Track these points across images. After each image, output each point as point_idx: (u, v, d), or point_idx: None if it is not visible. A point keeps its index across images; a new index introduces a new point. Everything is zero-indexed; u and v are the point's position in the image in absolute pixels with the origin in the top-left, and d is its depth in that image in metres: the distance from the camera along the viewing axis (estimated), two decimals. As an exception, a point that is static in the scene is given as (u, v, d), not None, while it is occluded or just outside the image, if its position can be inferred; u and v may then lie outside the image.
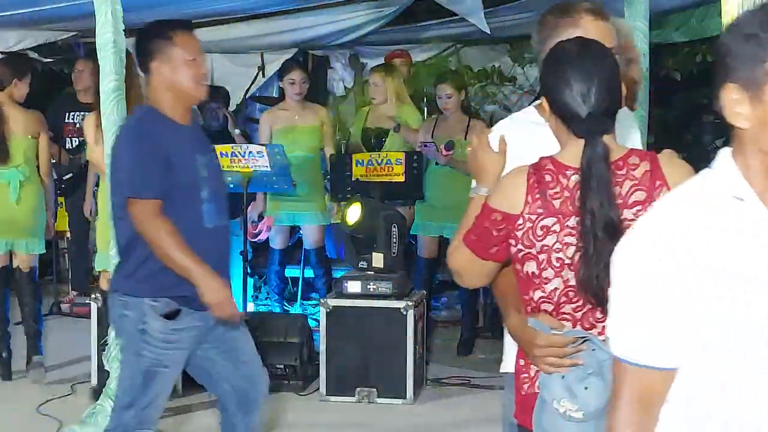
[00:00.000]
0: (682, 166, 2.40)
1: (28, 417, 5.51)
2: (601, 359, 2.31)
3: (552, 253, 2.33)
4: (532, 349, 2.38)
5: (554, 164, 2.37)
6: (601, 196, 2.27)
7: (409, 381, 5.71)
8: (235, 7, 7.12)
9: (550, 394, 2.35)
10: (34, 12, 6.63)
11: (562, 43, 2.46)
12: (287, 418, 5.60)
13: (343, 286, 5.90)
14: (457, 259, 2.50)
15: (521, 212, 2.35)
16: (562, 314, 2.37)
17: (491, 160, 2.54)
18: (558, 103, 2.37)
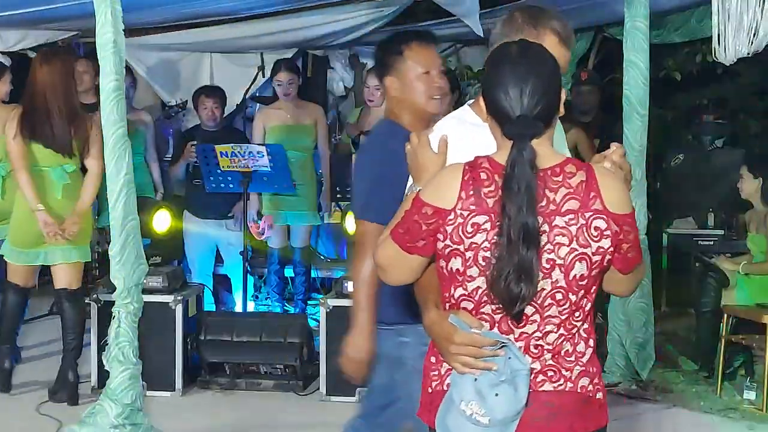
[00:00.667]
0: (616, 180, 2.40)
1: (28, 417, 5.51)
2: (515, 368, 2.30)
3: (479, 251, 2.31)
4: (449, 346, 2.35)
5: (490, 163, 2.35)
6: (520, 200, 2.26)
7: (409, 381, 5.70)
8: (234, 7, 7.12)
9: (459, 394, 2.33)
10: (35, 12, 6.63)
11: (505, 44, 2.46)
12: (287, 418, 5.60)
13: (344, 286, 5.90)
14: (382, 254, 2.46)
15: (453, 207, 2.33)
16: (481, 314, 2.36)
17: (431, 159, 2.51)
18: (493, 103, 2.37)
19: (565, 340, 2.37)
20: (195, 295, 6.14)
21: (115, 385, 4.59)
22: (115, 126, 4.55)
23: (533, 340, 2.35)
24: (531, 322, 2.34)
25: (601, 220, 2.32)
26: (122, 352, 4.60)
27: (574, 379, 2.38)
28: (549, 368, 2.36)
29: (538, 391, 2.35)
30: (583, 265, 2.32)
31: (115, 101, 4.54)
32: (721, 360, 5.84)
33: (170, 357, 5.85)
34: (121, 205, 4.57)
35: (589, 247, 2.31)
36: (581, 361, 2.39)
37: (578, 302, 2.36)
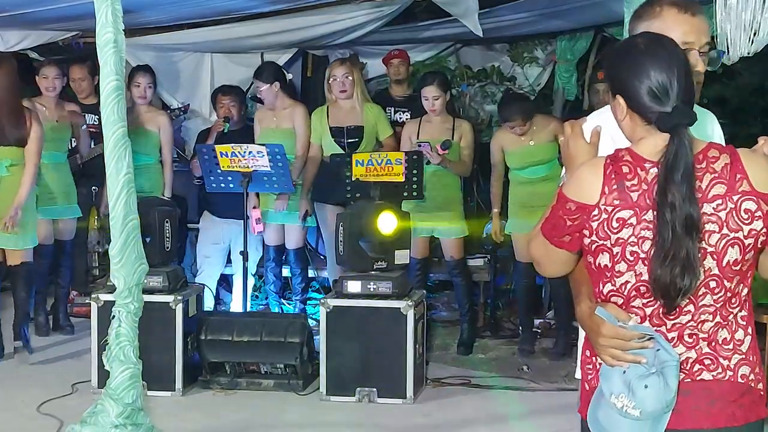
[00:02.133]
0: (762, 159, 2.37)
1: (28, 416, 5.51)
2: (663, 360, 2.28)
3: (627, 246, 2.29)
4: (597, 338, 2.34)
5: (632, 156, 2.32)
6: (683, 190, 2.22)
7: (409, 381, 5.72)
8: (234, 6, 7.12)
9: (609, 387, 2.32)
10: (35, 12, 6.63)
11: (632, 39, 2.43)
12: (287, 417, 5.60)
13: (343, 285, 5.91)
14: (534, 248, 2.48)
15: (597, 203, 2.30)
16: (631, 308, 2.34)
17: (582, 150, 2.47)
18: (639, 98, 2.32)
19: (721, 328, 2.33)
20: (195, 295, 6.15)
21: (115, 384, 4.59)
22: (115, 126, 4.54)
23: (687, 329, 2.32)
24: (685, 312, 2.31)
25: (750, 201, 2.28)
26: (123, 351, 4.60)
27: (733, 367, 2.34)
28: (706, 356, 2.33)
29: (696, 380, 2.32)
30: (735, 250, 2.29)
31: (115, 101, 4.53)
32: None
33: (171, 357, 5.86)
34: (121, 205, 4.56)
35: (741, 230, 2.28)
36: (740, 349, 2.35)
37: (734, 289, 2.33)
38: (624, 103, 2.37)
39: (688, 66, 2.35)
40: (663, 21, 2.56)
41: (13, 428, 5.43)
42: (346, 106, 7.09)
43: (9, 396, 5.90)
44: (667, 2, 2.60)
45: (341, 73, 7.06)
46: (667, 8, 2.59)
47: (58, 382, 6.05)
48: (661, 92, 2.30)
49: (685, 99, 2.31)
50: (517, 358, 6.74)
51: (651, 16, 2.59)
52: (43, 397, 5.75)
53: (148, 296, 5.04)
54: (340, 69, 7.11)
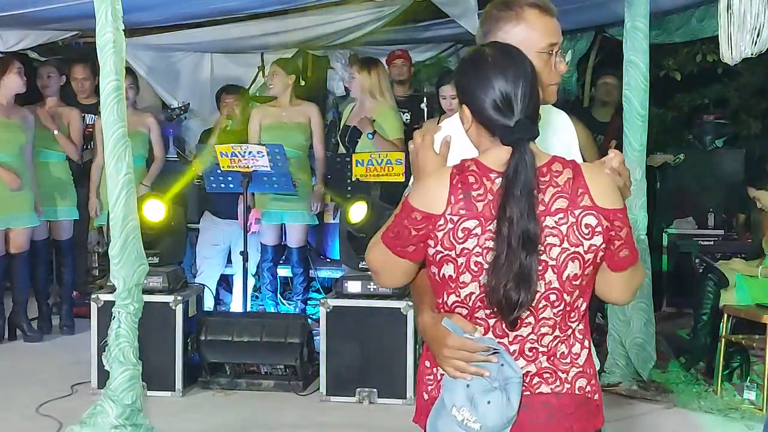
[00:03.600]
0: (604, 175, 2.37)
1: (28, 417, 5.50)
2: (507, 376, 2.28)
3: (471, 256, 2.27)
4: (441, 349, 2.31)
5: (478, 166, 2.30)
6: (522, 205, 2.22)
7: (409, 381, 5.71)
8: (234, 7, 7.12)
9: (451, 399, 2.30)
10: (35, 12, 6.63)
11: (481, 49, 2.39)
12: (287, 418, 5.60)
13: (343, 286, 5.90)
14: (375, 257, 2.42)
15: (443, 212, 2.28)
16: (475, 319, 2.32)
17: (431, 160, 2.44)
18: (483, 110, 2.31)
19: (560, 342, 2.34)
20: (195, 296, 6.14)
21: (115, 385, 4.59)
22: (115, 126, 4.55)
23: (528, 342, 2.32)
24: (526, 324, 2.31)
25: (591, 216, 2.28)
26: (122, 352, 4.60)
27: (570, 380, 2.35)
28: (545, 370, 2.33)
29: (534, 394, 2.32)
30: (576, 265, 2.29)
31: (115, 101, 4.54)
32: (721, 360, 5.84)
33: (170, 357, 5.85)
34: (121, 205, 4.56)
35: (581, 245, 2.28)
36: (577, 363, 2.36)
37: (573, 303, 2.33)
38: (469, 113, 2.36)
39: (534, 79, 2.33)
40: (527, 23, 2.51)
41: (13, 429, 5.42)
42: (361, 105, 7.07)
43: (8, 397, 5.89)
44: (526, 4, 2.54)
45: (348, 73, 7.07)
46: (529, 10, 2.53)
47: (58, 383, 6.04)
48: (504, 106, 2.29)
49: (528, 113, 2.30)
50: None
51: (512, 19, 2.53)
52: (43, 397, 5.74)
53: (148, 297, 5.04)
54: (351, 68, 7.10)
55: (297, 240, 7.20)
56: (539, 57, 2.48)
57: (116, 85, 4.52)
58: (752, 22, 4.30)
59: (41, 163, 7.21)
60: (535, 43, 2.49)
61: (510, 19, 2.52)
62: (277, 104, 7.18)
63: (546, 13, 2.54)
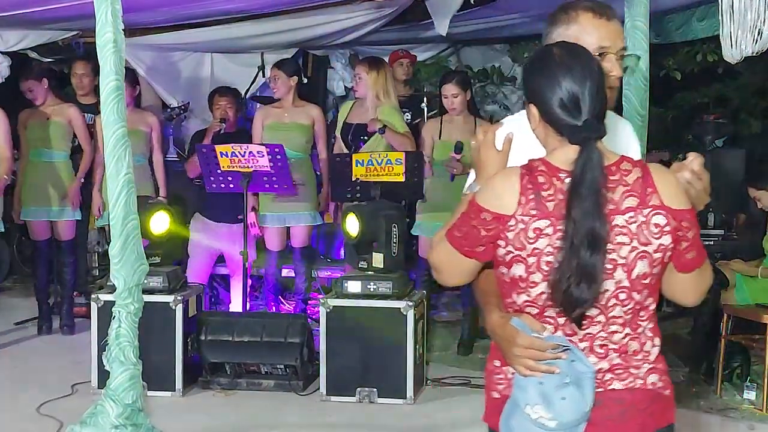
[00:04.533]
0: (671, 176, 2.38)
1: (28, 417, 5.51)
2: (579, 371, 2.28)
3: (542, 256, 2.28)
4: (511, 348, 2.33)
5: (547, 166, 2.32)
6: (587, 204, 2.23)
7: (409, 381, 5.71)
8: (234, 8, 7.12)
9: (525, 398, 2.31)
10: (35, 12, 6.62)
11: (548, 48, 2.41)
12: (287, 418, 5.60)
13: (344, 286, 5.90)
14: (438, 255, 2.44)
15: (513, 213, 2.29)
16: (545, 318, 2.34)
17: (493, 158, 2.46)
18: (550, 109, 2.32)
19: (631, 339, 2.35)
20: (195, 295, 6.14)
21: (115, 385, 4.58)
22: (115, 126, 4.54)
23: (598, 340, 2.33)
24: (595, 323, 2.32)
25: (660, 215, 2.29)
26: (123, 352, 4.59)
27: (643, 376, 2.36)
28: (617, 366, 2.34)
29: (607, 390, 2.33)
30: (644, 264, 2.30)
31: (115, 101, 4.53)
32: (721, 360, 5.84)
33: (171, 357, 5.85)
34: (121, 205, 4.55)
35: (650, 244, 2.29)
36: (648, 359, 2.38)
37: (642, 302, 2.34)
38: (536, 112, 2.37)
39: (601, 79, 2.33)
40: (579, 25, 2.53)
41: (13, 429, 5.42)
42: (364, 104, 7.06)
43: (9, 397, 5.89)
44: (582, 7, 2.56)
45: (355, 73, 7.09)
46: (583, 13, 2.55)
47: (58, 383, 6.04)
48: (572, 105, 2.30)
49: (596, 112, 2.30)
50: None
51: (567, 21, 2.55)
52: (43, 397, 5.75)
53: (148, 296, 5.02)
54: (357, 69, 7.10)
55: (300, 240, 7.18)
56: None
57: (116, 85, 4.51)
58: (753, 21, 4.30)
59: (43, 162, 7.21)
60: (587, 47, 2.47)
61: (564, 22, 2.55)
62: (280, 105, 7.18)
63: (600, 17, 2.56)
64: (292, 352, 5.91)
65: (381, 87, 7.02)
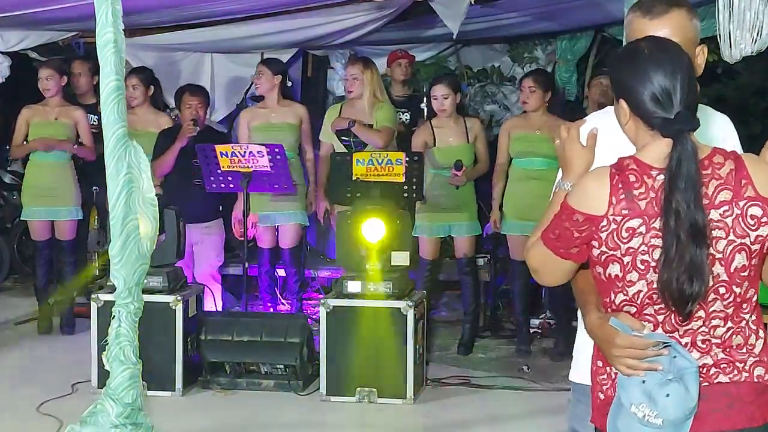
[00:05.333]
0: (765, 164, 2.37)
1: (28, 416, 5.51)
2: (681, 367, 2.27)
3: (637, 255, 2.27)
4: (611, 349, 2.32)
5: (637, 164, 2.30)
6: (687, 197, 2.22)
7: (409, 381, 5.71)
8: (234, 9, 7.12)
9: (629, 397, 2.30)
10: (35, 13, 6.62)
11: (637, 43, 2.40)
12: (287, 417, 5.60)
13: (344, 286, 5.90)
14: (534, 257, 2.45)
15: (605, 213, 2.28)
16: (644, 316, 2.32)
17: (578, 154, 2.46)
18: (642, 103, 2.31)
19: (734, 333, 2.33)
20: (195, 295, 6.14)
21: (115, 384, 4.57)
22: (115, 126, 4.52)
23: (700, 335, 2.32)
24: (696, 318, 2.31)
25: (756, 207, 2.28)
26: (123, 351, 4.58)
27: (749, 369, 2.35)
28: (722, 361, 2.33)
29: (713, 384, 2.32)
30: (743, 256, 2.29)
31: (116, 101, 4.51)
32: None
33: (171, 357, 5.85)
34: (121, 205, 4.55)
35: (747, 236, 2.28)
36: (753, 352, 2.36)
37: (743, 294, 2.33)
38: (627, 107, 2.36)
39: (691, 71, 2.33)
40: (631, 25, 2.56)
41: (13, 428, 5.43)
42: (359, 105, 7.04)
43: (8, 396, 5.89)
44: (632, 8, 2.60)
45: (350, 73, 7.05)
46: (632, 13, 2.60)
47: (58, 382, 6.04)
48: (664, 98, 2.29)
49: (688, 104, 2.30)
50: (517, 358, 6.74)
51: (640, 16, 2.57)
52: (43, 397, 5.75)
53: (148, 296, 5.02)
54: (350, 69, 7.07)
55: (289, 240, 7.16)
56: None
57: (117, 85, 4.50)
58: (752, 21, 4.30)
59: (44, 162, 7.22)
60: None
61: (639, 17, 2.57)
62: (265, 105, 7.17)
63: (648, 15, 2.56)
64: (292, 352, 5.91)
65: (377, 85, 7.04)
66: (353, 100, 7.06)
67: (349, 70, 7.10)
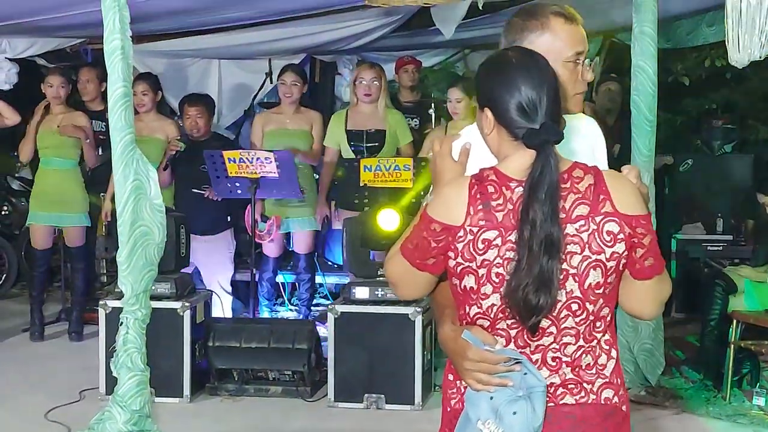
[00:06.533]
0: (626, 181, 2.33)
1: (36, 423, 5.51)
2: (531, 385, 2.23)
3: (492, 267, 2.23)
4: (463, 362, 2.28)
5: (498, 175, 2.26)
6: (545, 209, 2.18)
7: (417, 387, 5.70)
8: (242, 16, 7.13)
9: (476, 412, 2.26)
10: (43, 20, 6.64)
11: (504, 52, 2.37)
12: (295, 424, 5.59)
13: (351, 292, 5.90)
14: (393, 268, 2.38)
15: (462, 224, 2.24)
16: (497, 330, 2.29)
17: (449, 168, 2.41)
18: (506, 113, 2.28)
19: (584, 353, 2.29)
20: (203, 302, 6.14)
21: (123, 391, 4.59)
22: (122, 132, 4.54)
23: (550, 352, 2.28)
24: (547, 334, 2.27)
25: (612, 223, 2.24)
26: (130, 358, 4.60)
27: (596, 390, 2.30)
28: (569, 381, 2.29)
29: (558, 405, 2.27)
30: (597, 273, 2.24)
31: (123, 108, 4.53)
32: (730, 366, 5.82)
33: (178, 363, 5.85)
34: (129, 212, 4.56)
35: (603, 252, 2.24)
36: (603, 373, 2.31)
37: (597, 312, 2.28)
38: (492, 116, 2.32)
39: (557, 83, 2.30)
40: (552, 32, 2.48)
41: (21, 435, 5.44)
42: (368, 109, 7.03)
43: (17, 403, 5.89)
44: (551, 13, 2.50)
45: (369, 77, 6.98)
46: (554, 19, 2.50)
47: (66, 389, 6.04)
48: (530, 108, 2.25)
49: (553, 116, 2.27)
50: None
51: (537, 28, 2.49)
52: (51, 403, 5.75)
53: (155, 303, 5.04)
54: (369, 72, 7.01)
55: (304, 246, 7.19)
56: (565, 66, 2.45)
57: (124, 92, 4.52)
58: (760, 25, 4.28)
59: (53, 170, 7.23)
60: (561, 53, 2.45)
61: (535, 29, 2.49)
62: (280, 111, 7.18)
63: (571, 22, 2.51)
64: (299, 358, 5.91)
65: (386, 91, 7.06)
66: (363, 104, 7.05)
67: (367, 74, 7.01)
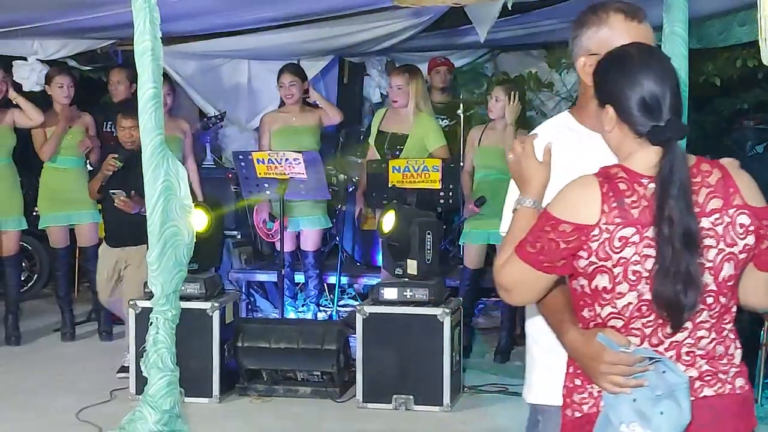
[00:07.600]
0: (747, 174, 2.35)
1: (67, 423, 5.55)
2: (672, 382, 2.21)
3: (629, 265, 2.21)
4: (598, 366, 2.25)
5: (626, 172, 2.25)
6: (680, 204, 2.18)
7: (446, 388, 5.69)
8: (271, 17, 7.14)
9: (618, 416, 2.23)
10: (75, 21, 6.68)
11: (624, 49, 2.35)
12: (324, 424, 5.60)
13: (380, 293, 5.90)
14: (508, 275, 2.35)
15: (597, 222, 2.22)
16: (630, 330, 2.26)
17: (536, 169, 2.41)
18: (629, 109, 2.26)
19: (717, 344, 2.30)
20: (232, 302, 6.16)
21: (153, 391, 4.60)
22: (153, 133, 4.55)
23: (684, 347, 2.27)
24: (682, 330, 2.26)
25: (744, 215, 2.26)
26: (161, 358, 4.60)
27: (731, 380, 2.32)
28: (706, 373, 2.30)
29: (698, 398, 2.27)
30: (731, 266, 2.26)
31: (153, 109, 4.54)
32: (762, 368, 5.76)
33: (208, 363, 5.87)
34: (158, 212, 4.57)
35: (736, 245, 2.25)
36: (734, 363, 2.34)
37: (727, 304, 2.30)
38: (614, 113, 2.30)
39: (678, 79, 2.29)
40: (610, 28, 2.49)
41: (52, 434, 5.47)
42: (400, 112, 7.04)
43: (48, 403, 5.93)
44: (613, 8, 2.51)
45: (395, 84, 7.00)
46: (614, 14, 2.50)
47: (96, 389, 6.08)
48: (653, 105, 2.25)
49: (677, 111, 2.26)
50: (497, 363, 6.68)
51: (597, 23, 2.50)
52: (82, 403, 5.78)
53: (185, 303, 5.04)
54: (397, 78, 7.01)
55: (312, 244, 7.23)
56: None
57: (154, 93, 4.53)
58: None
59: (61, 169, 7.26)
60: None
61: (594, 23, 2.51)
62: (287, 110, 7.24)
63: (633, 19, 2.51)
64: (328, 359, 5.91)
65: (420, 96, 7.03)
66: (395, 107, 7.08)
67: (394, 80, 7.03)
